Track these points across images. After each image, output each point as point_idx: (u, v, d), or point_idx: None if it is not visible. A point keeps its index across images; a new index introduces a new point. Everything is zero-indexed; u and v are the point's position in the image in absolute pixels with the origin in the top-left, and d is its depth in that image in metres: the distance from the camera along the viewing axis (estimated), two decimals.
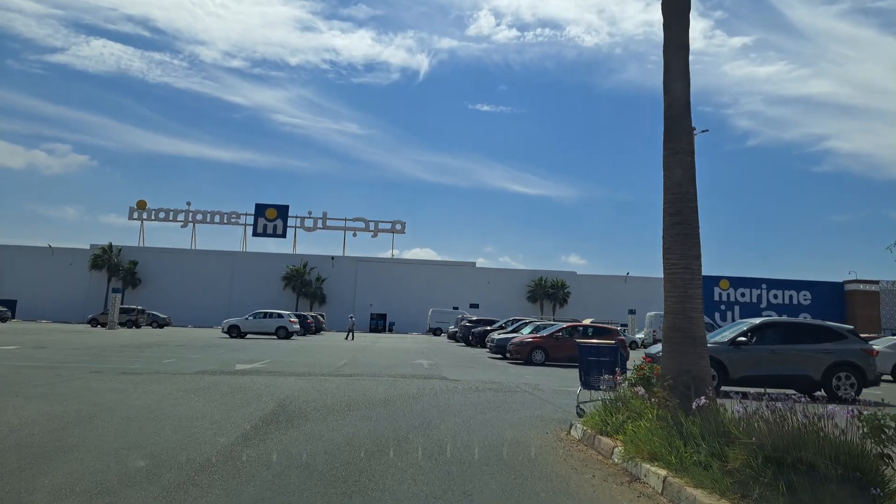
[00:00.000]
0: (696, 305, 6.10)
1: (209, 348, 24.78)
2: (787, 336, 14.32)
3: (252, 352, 23.39)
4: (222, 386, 12.22)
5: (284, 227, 72.07)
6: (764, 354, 13.85)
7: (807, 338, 14.23)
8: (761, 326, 14.57)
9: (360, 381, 14.07)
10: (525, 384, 14.83)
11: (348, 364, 19.02)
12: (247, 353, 22.75)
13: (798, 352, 13.86)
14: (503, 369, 19.47)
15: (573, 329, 22.57)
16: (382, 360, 21.48)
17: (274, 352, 23.83)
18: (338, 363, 19.18)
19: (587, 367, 9.98)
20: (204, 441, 6.81)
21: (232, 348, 25.16)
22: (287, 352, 24.14)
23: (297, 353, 23.84)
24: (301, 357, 21.35)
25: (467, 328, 35.76)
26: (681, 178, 6.39)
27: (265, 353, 23.12)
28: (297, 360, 19.75)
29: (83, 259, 68.68)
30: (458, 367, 19.39)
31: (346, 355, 23.14)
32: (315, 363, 18.84)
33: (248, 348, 25.52)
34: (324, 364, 18.61)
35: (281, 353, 23.50)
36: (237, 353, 22.04)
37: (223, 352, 22.79)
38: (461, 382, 14.51)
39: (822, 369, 13.51)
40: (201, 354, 20.97)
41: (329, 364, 18.69)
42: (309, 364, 18.44)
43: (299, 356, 21.85)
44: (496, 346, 24.41)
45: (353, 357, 22.30)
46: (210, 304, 67.02)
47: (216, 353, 22.25)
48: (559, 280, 68.38)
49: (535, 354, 21.70)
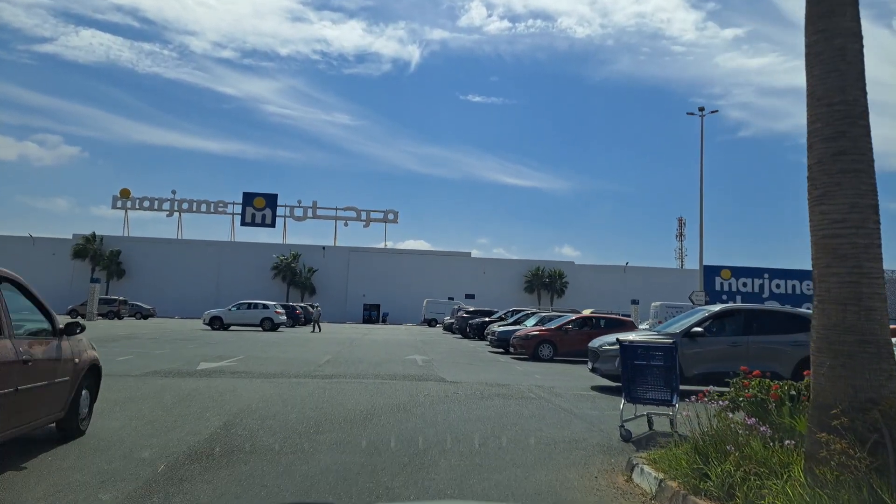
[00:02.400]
0: (876, 290, 3.59)
1: (182, 342, 22.25)
2: (751, 326, 11.91)
3: (227, 346, 20.87)
4: (167, 393, 9.71)
5: (273, 216, 69.30)
6: (723, 348, 11.55)
7: (775, 327, 11.84)
8: (721, 314, 12.18)
9: (340, 384, 11.59)
10: (537, 387, 12.40)
11: (331, 361, 16.54)
12: (221, 347, 20.24)
13: (763, 344, 11.52)
14: (507, 366, 17.04)
15: (584, 321, 20.14)
16: (371, 355, 19.02)
17: (252, 346, 21.33)
18: (320, 360, 16.70)
19: (632, 374, 7.52)
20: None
21: (206, 342, 22.64)
22: (266, 346, 21.63)
23: (278, 347, 21.34)
24: (280, 352, 18.86)
25: (464, 319, 33.32)
26: (842, 78, 3.87)
27: (241, 347, 20.62)
28: (273, 357, 17.25)
29: (66, 249, 65.78)
30: (457, 365, 16.94)
31: (331, 350, 20.66)
32: (293, 360, 16.35)
33: (225, 342, 23.00)
34: (303, 361, 16.12)
35: (259, 347, 21.00)
36: (209, 348, 19.52)
37: (195, 346, 20.27)
38: (461, 386, 12.05)
39: (791, 365, 11.00)
40: (168, 349, 18.45)
41: (309, 361, 16.20)
42: (286, 361, 15.94)
43: (279, 351, 19.36)
44: (498, 340, 21.97)
45: (338, 353, 19.82)
46: (197, 294, 64.29)
47: (186, 347, 19.74)
48: (557, 270, 65.97)
49: (543, 349, 19.27)
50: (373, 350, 21.45)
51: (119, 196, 68.95)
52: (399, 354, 19.63)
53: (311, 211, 70.75)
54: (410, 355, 19.37)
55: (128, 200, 69.03)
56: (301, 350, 20.43)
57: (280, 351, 19.66)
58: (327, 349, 21.08)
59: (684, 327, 11.82)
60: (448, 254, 70.85)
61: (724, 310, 12.15)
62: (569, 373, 15.98)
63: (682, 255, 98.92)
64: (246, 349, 19.90)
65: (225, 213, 70.01)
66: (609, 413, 9.25)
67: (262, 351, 19.41)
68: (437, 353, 21.24)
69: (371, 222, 71.09)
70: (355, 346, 23.58)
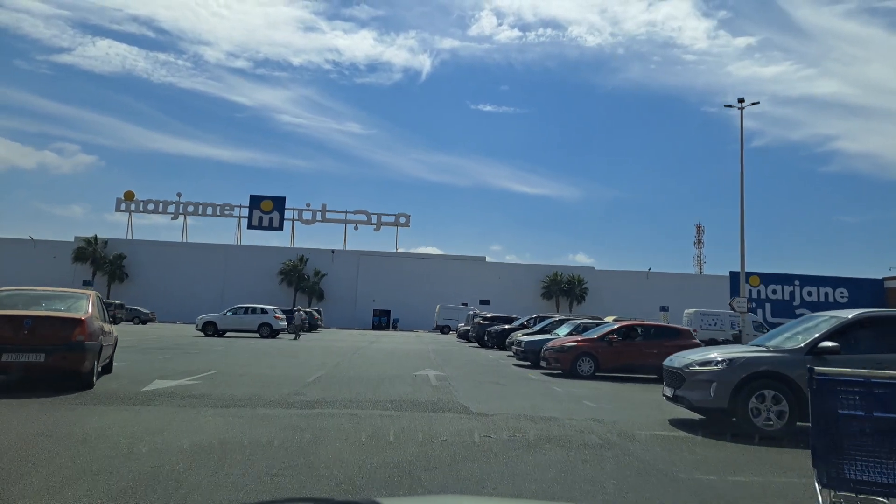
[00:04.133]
0: None
1: (158, 350, 18.90)
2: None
3: (206, 357, 17.47)
4: (46, 440, 6.27)
5: (281, 219, 66.13)
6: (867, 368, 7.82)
7: None
8: (860, 323, 8.41)
9: (321, 420, 8.09)
10: (595, 421, 8.84)
11: (322, 379, 13.05)
12: (197, 358, 16.84)
13: None
14: (543, 387, 13.48)
15: (630, 330, 16.53)
16: (374, 369, 15.53)
17: (235, 357, 17.91)
18: (308, 377, 13.22)
19: (835, 434, 3.95)
20: None
21: (187, 351, 19.27)
22: (253, 357, 18.21)
23: (266, 358, 17.90)
24: (264, 366, 15.42)
25: (482, 327, 29.75)
26: None
27: (222, 358, 17.21)
28: (252, 372, 13.80)
29: (67, 252, 62.98)
30: (480, 385, 13.40)
31: (327, 362, 17.20)
32: (275, 377, 12.88)
33: (207, 351, 19.62)
34: (286, 379, 12.65)
35: (244, 358, 17.58)
36: (181, 360, 16.13)
37: (166, 357, 16.89)
38: (494, 420, 8.51)
39: None
40: (130, 361, 15.06)
41: (294, 379, 12.72)
42: (264, 379, 12.48)
43: (263, 364, 15.92)
44: (525, 352, 18.37)
45: (335, 366, 16.34)
46: (202, 299, 61.08)
47: (155, 358, 16.36)
48: (576, 276, 62.17)
49: (582, 364, 15.69)
50: (377, 362, 17.96)
51: (123, 199, 66.13)
52: (408, 369, 16.12)
53: (321, 214, 67.56)
54: (422, 370, 15.85)
55: (132, 203, 66.19)
56: (291, 363, 16.97)
57: (265, 364, 16.21)
58: (323, 361, 17.61)
59: (808, 341, 8.22)
60: (462, 258, 67.36)
61: (864, 317, 8.48)
62: (623, 396, 12.39)
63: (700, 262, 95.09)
64: (225, 361, 16.48)
65: (231, 216, 67.04)
66: (734, 481, 5.74)
67: (243, 364, 15.98)
68: (453, 366, 17.71)
69: (382, 226, 67.76)
70: (358, 357, 20.10)
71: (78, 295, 10.96)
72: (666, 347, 15.93)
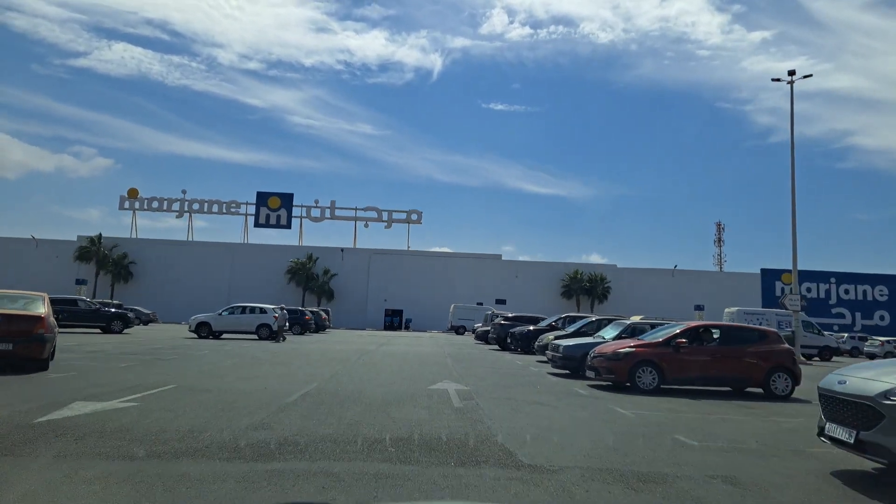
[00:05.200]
0: None
1: (130, 357, 15.66)
2: None
3: (176, 365, 14.18)
4: None
5: (289, 217, 63.05)
6: None
7: None
8: None
9: (273, 490, 4.70)
10: (720, 479, 5.39)
11: (308, 397, 9.68)
12: (164, 366, 13.56)
13: None
14: (603, 407, 10.02)
15: (702, 332, 12.98)
16: (379, 382, 12.15)
17: (211, 365, 14.60)
18: (290, 394, 9.86)
19: None
20: None
21: (160, 357, 16.02)
22: (234, 364, 14.89)
23: (249, 366, 14.57)
24: (239, 377, 12.08)
25: (503, 328, 26.29)
26: None
27: (194, 367, 13.91)
28: (219, 388, 10.46)
29: (70, 251, 60.29)
30: (519, 406, 9.95)
31: (322, 373, 13.85)
32: (245, 396, 9.53)
33: (184, 357, 16.35)
34: (259, 399, 9.29)
35: (221, 366, 14.27)
36: (142, 369, 12.85)
37: (131, 365, 13.63)
38: (564, 483, 5.08)
39: None
40: (83, 370, 11.81)
41: (270, 398, 9.36)
42: (229, 399, 9.14)
43: (240, 374, 12.59)
44: (565, 358, 14.85)
45: (330, 378, 12.97)
46: (208, 299, 57.90)
47: (115, 367, 13.10)
48: (598, 274, 58.43)
49: (642, 374, 12.20)
50: (384, 371, 14.57)
51: (127, 196, 63.40)
52: (422, 380, 12.72)
53: (329, 211, 64.39)
54: (438, 383, 12.43)
55: (136, 201, 63.43)
56: (279, 372, 13.63)
57: (245, 373, 12.88)
58: (319, 370, 14.25)
59: None
60: (476, 256, 63.88)
61: None
62: (721, 425, 8.91)
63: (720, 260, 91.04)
64: (196, 371, 13.17)
65: (238, 213, 64.08)
66: None
67: (216, 374, 12.66)
68: (476, 376, 14.29)
69: (393, 223, 64.46)
70: (362, 364, 16.72)
71: (33, 296, 12.68)
72: (749, 354, 12.46)
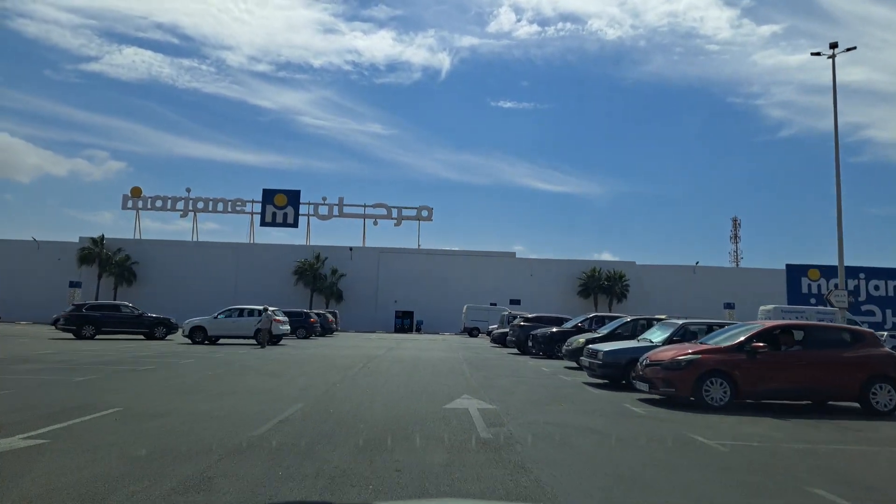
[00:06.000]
0: None
1: (102, 367, 13.39)
2: None
3: (146, 378, 11.87)
4: None
5: (296, 215, 60.74)
6: None
7: None
8: None
9: None
10: None
11: (287, 425, 7.28)
12: (126, 382, 11.26)
13: None
14: (673, 431, 7.56)
15: (782, 334, 10.44)
16: (382, 401, 9.74)
17: (185, 378, 12.27)
18: (265, 420, 7.47)
19: None
20: None
21: (135, 368, 13.72)
22: (213, 377, 12.54)
23: (231, 378, 12.23)
24: (210, 395, 9.73)
25: (523, 329, 23.79)
26: None
27: (163, 381, 11.59)
28: (178, 410, 8.09)
29: (72, 253, 58.37)
30: (567, 437, 7.50)
31: (317, 384, 11.46)
32: (205, 424, 7.16)
33: (163, 367, 14.05)
34: (221, 428, 6.91)
35: (195, 380, 11.93)
36: (98, 386, 10.56)
37: (93, 378, 11.34)
38: None
39: None
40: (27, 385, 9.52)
41: (235, 427, 6.98)
42: (182, 428, 6.77)
43: (213, 390, 10.24)
44: (605, 365, 12.34)
45: (325, 391, 10.59)
46: (213, 300, 55.55)
47: (69, 381, 10.80)
48: (616, 271, 55.65)
49: (711, 387, 9.71)
50: (391, 384, 12.16)
51: (130, 195, 61.43)
52: (435, 397, 10.29)
53: (337, 209, 62.05)
54: (456, 399, 9.99)
55: (139, 200, 61.45)
56: (263, 386, 11.25)
57: (222, 388, 10.52)
58: (311, 384, 11.86)
59: None
60: (490, 254, 61.33)
61: None
62: (839, 452, 6.43)
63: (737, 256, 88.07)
64: (153, 390, 10.82)
65: (243, 212, 61.89)
66: None
67: (184, 390, 10.32)
68: (501, 389, 11.84)
69: (403, 220, 62.01)
70: (366, 373, 14.32)
71: None
72: (841, 360, 9.92)
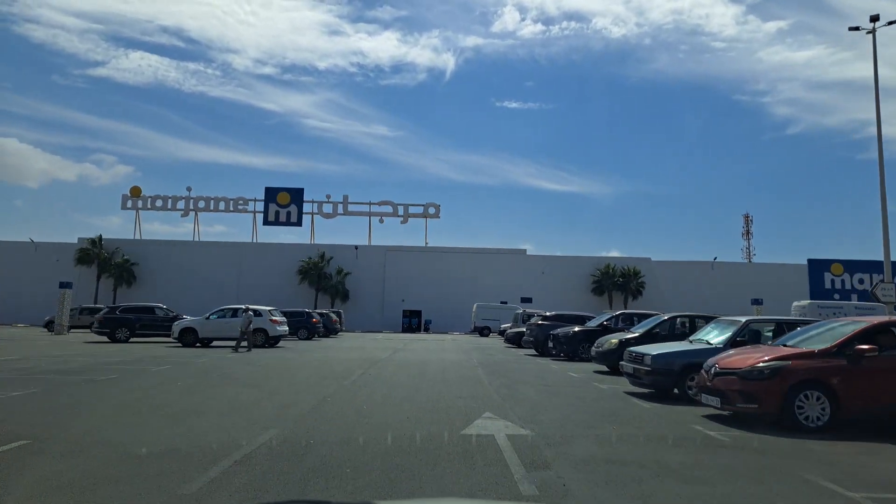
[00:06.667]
0: None
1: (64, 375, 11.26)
2: None
3: (96, 392, 9.70)
4: None
5: (299, 213, 58.67)
6: None
7: None
8: None
9: None
10: None
11: (241, 469, 5.05)
12: (76, 396, 9.09)
13: None
14: (787, 471, 5.32)
15: (878, 333, 8.17)
16: (381, 425, 7.52)
17: (151, 389, 10.09)
18: (217, 460, 5.24)
19: None
20: None
21: (95, 378, 11.56)
22: (183, 389, 10.36)
23: (202, 392, 10.04)
24: (162, 418, 7.54)
25: (542, 329, 21.52)
26: None
27: (120, 394, 9.42)
28: (108, 442, 5.89)
29: (70, 254, 56.53)
30: (643, 483, 5.26)
31: (304, 400, 9.27)
32: (136, 464, 4.94)
33: (130, 376, 11.89)
34: (142, 485, 4.70)
35: (159, 394, 9.75)
36: (38, 403, 8.45)
37: (31, 394, 9.19)
38: None
39: None
40: None
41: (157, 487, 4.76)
42: (99, 472, 4.53)
43: (172, 409, 8.05)
44: (654, 373, 10.06)
45: (312, 409, 8.39)
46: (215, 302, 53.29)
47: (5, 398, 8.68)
48: (631, 268, 53.18)
49: (806, 403, 7.46)
50: (393, 398, 9.92)
51: (129, 195, 59.55)
52: (448, 417, 8.05)
53: (342, 207, 59.92)
54: (476, 420, 7.73)
55: (139, 200, 59.55)
56: (232, 405, 9.04)
57: (170, 413, 8.33)
58: (296, 399, 9.64)
59: None
60: (500, 251, 59.07)
61: None
62: None
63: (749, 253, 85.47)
64: (99, 409, 8.63)
65: (246, 211, 59.87)
66: None
67: (125, 414, 8.13)
68: (530, 403, 9.59)
69: (409, 217, 59.83)
70: (365, 383, 12.09)
71: None
72: None
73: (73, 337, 31.11)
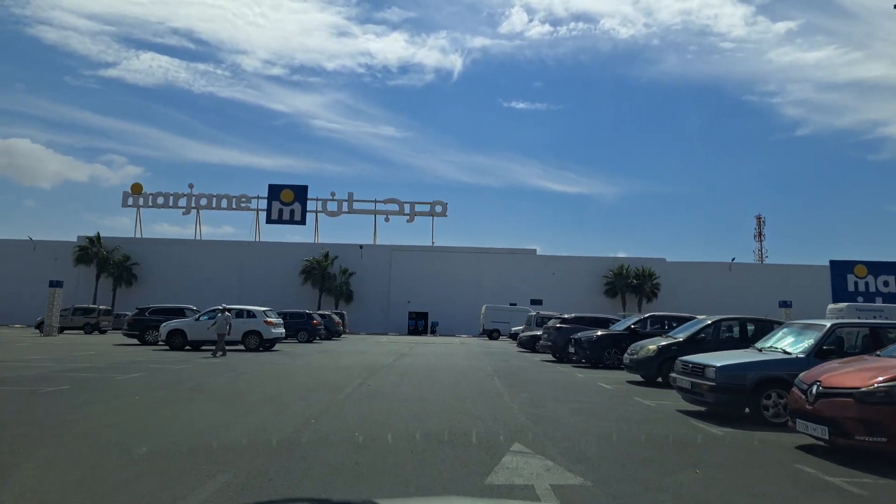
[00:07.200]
0: None
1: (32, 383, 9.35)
2: None
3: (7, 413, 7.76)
4: None
5: (303, 211, 56.75)
6: None
7: None
8: None
9: None
10: None
11: None
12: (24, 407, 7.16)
13: None
14: None
15: None
16: (376, 461, 5.51)
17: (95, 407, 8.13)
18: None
19: None
20: None
21: (39, 389, 9.62)
22: (139, 409, 8.39)
23: (163, 410, 8.07)
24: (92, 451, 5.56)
25: (561, 333, 19.47)
26: None
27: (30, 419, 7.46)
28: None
29: (69, 253, 54.83)
30: None
31: (284, 423, 7.28)
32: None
33: (84, 387, 9.94)
34: None
35: (105, 415, 7.78)
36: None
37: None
38: None
39: None
40: None
41: None
42: None
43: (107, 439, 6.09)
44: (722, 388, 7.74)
45: (291, 436, 6.38)
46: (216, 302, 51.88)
47: None
48: (645, 269, 50.89)
49: None
50: (395, 419, 7.88)
51: (130, 192, 57.83)
52: (468, 450, 6.03)
53: (347, 205, 58.01)
54: (505, 458, 5.69)
55: (140, 197, 57.82)
56: (193, 428, 7.05)
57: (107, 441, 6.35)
58: (275, 421, 7.64)
59: None
60: (509, 251, 56.97)
61: None
62: None
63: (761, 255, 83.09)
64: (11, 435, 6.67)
65: (248, 208, 58.01)
66: None
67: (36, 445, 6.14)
68: (567, 428, 7.55)
69: (416, 216, 57.82)
70: (362, 396, 10.06)
71: None
72: None
73: (61, 339, 29.23)
